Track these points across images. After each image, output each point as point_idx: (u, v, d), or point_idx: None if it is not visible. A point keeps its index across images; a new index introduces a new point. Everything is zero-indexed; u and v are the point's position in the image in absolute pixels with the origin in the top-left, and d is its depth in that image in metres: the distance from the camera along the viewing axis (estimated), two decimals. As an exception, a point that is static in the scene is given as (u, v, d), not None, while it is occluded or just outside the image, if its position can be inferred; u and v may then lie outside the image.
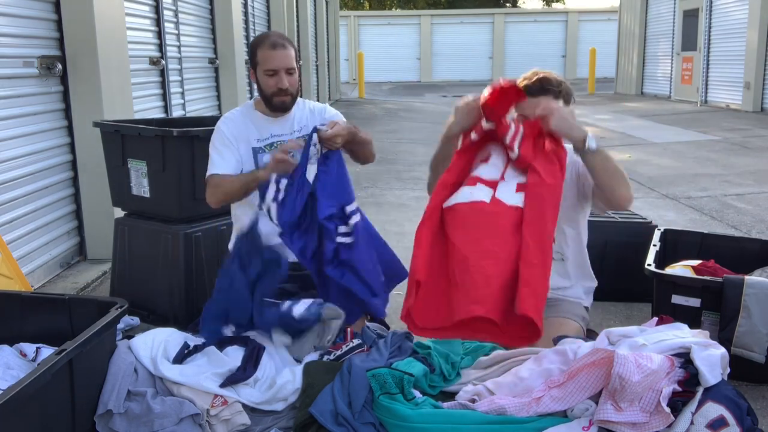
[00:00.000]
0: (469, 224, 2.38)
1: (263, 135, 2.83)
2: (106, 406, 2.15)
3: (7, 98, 3.53)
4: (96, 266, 4.05)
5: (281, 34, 2.87)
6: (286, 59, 2.73)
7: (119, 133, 3.26)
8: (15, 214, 3.56)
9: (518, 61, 26.61)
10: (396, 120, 13.06)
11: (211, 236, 3.24)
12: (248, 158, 2.80)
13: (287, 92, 2.76)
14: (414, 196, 6.18)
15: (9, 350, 2.28)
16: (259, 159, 2.80)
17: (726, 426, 1.92)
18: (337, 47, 18.90)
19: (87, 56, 3.95)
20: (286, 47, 2.75)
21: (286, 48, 2.75)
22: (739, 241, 3.35)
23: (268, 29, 10.45)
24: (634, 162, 7.85)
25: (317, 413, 2.08)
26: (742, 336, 2.50)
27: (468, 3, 31.58)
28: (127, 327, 3.11)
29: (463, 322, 2.32)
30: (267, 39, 2.77)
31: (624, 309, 3.39)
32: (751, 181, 6.55)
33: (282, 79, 2.73)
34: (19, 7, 3.63)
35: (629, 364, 1.98)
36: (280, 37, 2.80)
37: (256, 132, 2.83)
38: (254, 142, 2.82)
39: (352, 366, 2.18)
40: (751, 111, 12.59)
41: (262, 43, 2.76)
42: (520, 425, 2.02)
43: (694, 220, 5.15)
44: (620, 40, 19.38)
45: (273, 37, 2.78)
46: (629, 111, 13.93)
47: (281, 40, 2.76)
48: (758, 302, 2.49)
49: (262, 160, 2.79)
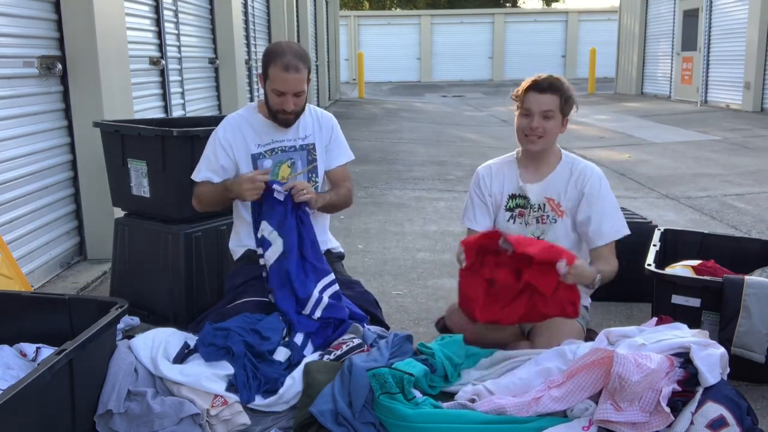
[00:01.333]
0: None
1: (264, 140, 2.78)
2: (106, 406, 2.15)
3: (7, 98, 3.53)
4: (96, 266, 4.05)
5: (297, 50, 2.67)
6: (296, 84, 2.62)
7: (119, 133, 3.26)
8: (15, 214, 3.56)
9: (518, 61, 26.64)
10: (396, 120, 13.07)
11: (211, 236, 3.24)
12: (247, 164, 2.76)
13: (292, 112, 2.70)
14: (414, 196, 6.18)
15: (9, 350, 2.28)
16: (259, 164, 2.76)
17: (726, 426, 1.93)
18: (337, 47, 18.90)
19: (87, 56, 3.95)
20: (299, 71, 2.61)
21: (299, 72, 2.62)
22: (739, 241, 3.35)
23: (268, 29, 10.44)
24: (634, 162, 7.85)
25: (317, 413, 2.08)
26: (742, 336, 2.50)
27: (468, 3, 31.58)
28: (127, 327, 3.11)
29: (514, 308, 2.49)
30: (281, 58, 2.61)
31: (624, 309, 3.39)
32: (751, 181, 6.55)
33: (288, 102, 2.64)
34: (19, 7, 3.63)
35: (629, 364, 1.98)
36: (294, 56, 2.62)
37: (256, 137, 2.78)
38: (254, 147, 2.77)
39: (353, 366, 2.18)
40: (751, 111, 12.59)
41: (275, 61, 2.61)
42: (520, 425, 2.02)
43: (694, 220, 5.15)
44: (620, 40, 19.38)
45: (287, 58, 2.60)
46: (629, 111, 13.93)
47: (295, 62, 2.61)
48: (758, 302, 2.49)
49: (262, 165, 2.76)
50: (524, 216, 2.73)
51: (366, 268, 4.06)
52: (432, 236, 4.81)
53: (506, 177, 2.78)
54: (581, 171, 2.70)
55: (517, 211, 2.74)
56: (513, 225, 2.74)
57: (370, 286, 3.22)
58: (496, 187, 2.78)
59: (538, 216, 2.71)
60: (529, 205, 2.71)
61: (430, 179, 6.98)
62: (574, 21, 27.33)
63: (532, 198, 2.71)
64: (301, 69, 2.63)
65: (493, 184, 2.79)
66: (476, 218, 2.80)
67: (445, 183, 6.79)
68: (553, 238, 2.69)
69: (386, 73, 26.76)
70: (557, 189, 2.70)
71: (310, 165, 2.83)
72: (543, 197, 2.71)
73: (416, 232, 4.91)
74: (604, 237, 2.66)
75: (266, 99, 2.73)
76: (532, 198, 2.71)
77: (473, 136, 10.63)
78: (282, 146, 2.79)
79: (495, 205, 2.79)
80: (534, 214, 2.71)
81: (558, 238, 2.69)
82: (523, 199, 2.73)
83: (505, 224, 2.75)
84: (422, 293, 3.68)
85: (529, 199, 2.71)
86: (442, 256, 4.34)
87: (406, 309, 3.45)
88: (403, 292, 3.70)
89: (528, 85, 2.67)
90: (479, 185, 2.81)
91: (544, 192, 2.71)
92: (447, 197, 6.11)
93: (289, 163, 2.80)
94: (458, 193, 6.25)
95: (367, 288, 2.96)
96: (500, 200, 2.77)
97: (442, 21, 27.63)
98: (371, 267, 4.12)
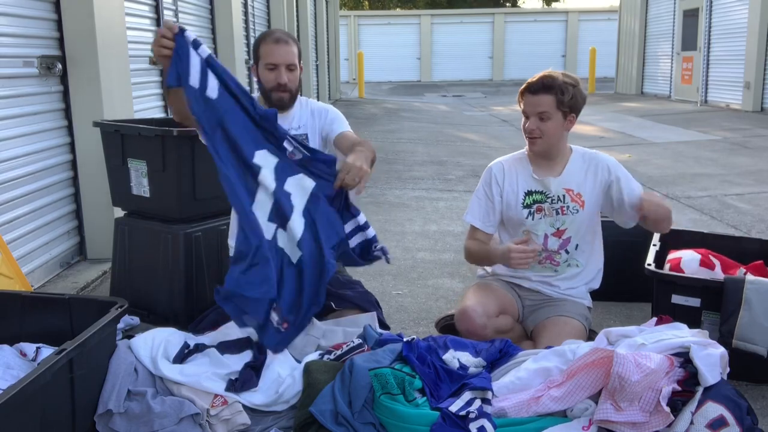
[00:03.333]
0: None
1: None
2: (106, 406, 2.15)
3: (7, 98, 3.53)
4: (96, 266, 4.05)
5: (287, 32, 2.86)
6: (287, 55, 2.72)
7: (119, 132, 3.26)
8: (15, 214, 3.56)
9: (518, 61, 26.64)
10: (396, 120, 13.06)
11: (211, 236, 3.24)
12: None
13: (286, 88, 2.74)
14: (414, 195, 6.18)
15: (9, 350, 2.28)
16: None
17: (726, 426, 1.92)
18: (337, 47, 18.89)
19: (87, 56, 3.95)
20: (288, 43, 2.74)
21: (289, 44, 2.74)
22: (739, 241, 3.35)
23: (269, 29, 10.45)
24: (634, 162, 7.85)
25: (317, 413, 2.08)
26: (743, 328, 2.48)
27: (468, 3, 31.57)
28: (127, 327, 3.11)
29: None
30: (271, 34, 2.77)
31: (624, 309, 3.39)
32: (751, 181, 6.55)
33: (281, 74, 2.71)
34: (19, 7, 3.63)
35: (628, 364, 1.98)
36: (284, 33, 2.79)
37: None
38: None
39: (354, 365, 2.17)
40: (751, 111, 12.59)
41: (265, 38, 2.75)
42: (520, 425, 2.02)
43: (694, 220, 5.15)
44: (620, 40, 19.38)
45: (277, 33, 2.77)
46: (629, 111, 13.92)
47: (285, 36, 2.76)
48: (759, 294, 2.48)
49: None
50: (542, 210, 2.75)
51: (366, 268, 4.01)
52: (432, 236, 4.81)
53: (519, 174, 2.79)
54: (592, 157, 2.79)
55: (535, 207, 2.76)
56: (531, 221, 2.75)
57: (370, 286, 3.22)
58: (509, 185, 2.79)
59: (558, 207, 2.74)
60: (548, 198, 2.74)
61: (430, 179, 6.98)
62: (574, 21, 27.33)
63: (552, 190, 2.73)
64: (291, 43, 2.74)
65: (506, 181, 2.80)
66: (481, 216, 2.82)
67: (445, 183, 6.79)
68: (575, 228, 2.74)
69: (386, 73, 26.76)
70: (576, 180, 2.75)
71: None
72: (562, 188, 2.74)
73: (416, 232, 4.91)
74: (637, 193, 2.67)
75: (260, 85, 2.77)
76: (552, 190, 2.73)
77: (473, 136, 10.63)
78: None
79: (506, 204, 2.79)
80: (554, 205, 2.74)
81: (579, 228, 2.74)
82: (540, 195, 2.75)
83: (523, 221, 2.76)
84: (422, 293, 3.68)
85: (547, 193, 2.73)
86: (442, 255, 4.34)
87: (406, 309, 3.45)
88: (403, 292, 3.70)
89: (522, 88, 2.70)
90: (491, 183, 2.82)
91: (563, 183, 2.74)
92: (447, 197, 6.11)
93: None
94: (458, 192, 6.25)
95: (367, 288, 2.96)
96: (515, 198, 2.78)
97: (442, 21, 27.63)
98: (371, 267, 4.07)
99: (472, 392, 2.12)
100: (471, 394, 2.11)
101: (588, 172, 2.75)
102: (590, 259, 2.82)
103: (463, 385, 2.16)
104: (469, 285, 2.85)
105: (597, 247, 2.86)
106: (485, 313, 2.63)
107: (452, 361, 2.30)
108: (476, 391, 2.12)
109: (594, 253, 2.84)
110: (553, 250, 2.76)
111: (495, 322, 2.65)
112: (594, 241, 2.83)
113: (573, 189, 2.74)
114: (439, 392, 2.15)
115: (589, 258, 2.81)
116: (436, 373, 2.21)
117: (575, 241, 2.76)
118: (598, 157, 2.79)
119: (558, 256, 2.77)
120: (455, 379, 2.21)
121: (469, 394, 2.11)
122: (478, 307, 2.64)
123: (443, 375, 2.22)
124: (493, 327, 2.61)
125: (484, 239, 2.81)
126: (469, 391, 2.12)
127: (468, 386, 2.14)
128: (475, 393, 2.12)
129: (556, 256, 2.77)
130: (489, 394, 2.11)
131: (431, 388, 2.15)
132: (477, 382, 2.16)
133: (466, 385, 2.15)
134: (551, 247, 2.76)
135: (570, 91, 2.62)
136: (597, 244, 2.86)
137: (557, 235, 2.75)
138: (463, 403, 2.06)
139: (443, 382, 2.19)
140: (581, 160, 2.77)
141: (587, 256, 2.80)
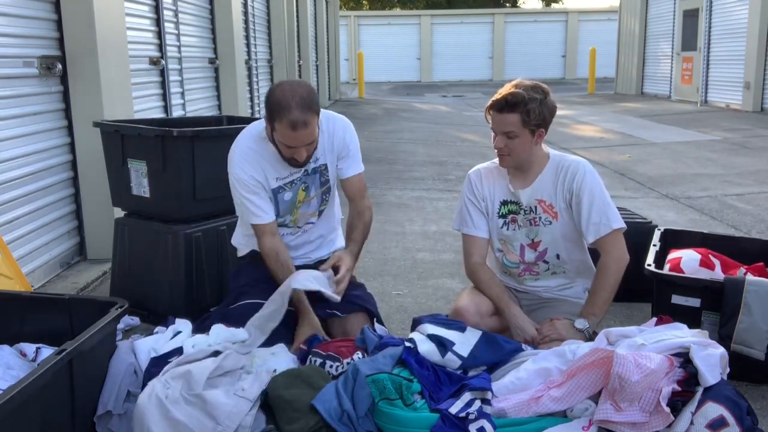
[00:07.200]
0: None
1: (281, 174, 2.67)
2: (105, 407, 2.15)
3: (7, 98, 3.53)
4: (96, 266, 4.05)
5: (303, 99, 2.42)
6: (306, 137, 2.47)
7: (119, 133, 3.26)
8: (15, 214, 3.56)
9: (518, 61, 26.65)
10: (396, 120, 13.06)
11: (211, 236, 3.24)
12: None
13: (304, 162, 2.59)
14: (414, 196, 6.18)
15: (9, 350, 2.28)
16: (280, 199, 2.69)
17: (726, 426, 1.92)
18: (337, 47, 18.90)
19: (87, 56, 3.95)
20: (307, 125, 2.43)
21: (308, 126, 2.43)
22: (739, 241, 3.35)
23: (268, 29, 10.45)
24: (634, 162, 7.85)
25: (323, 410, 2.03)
26: (742, 333, 2.49)
27: (468, 3, 31.57)
28: (127, 327, 3.11)
29: None
30: (287, 114, 2.40)
31: (624, 309, 3.39)
32: (751, 181, 6.55)
33: (300, 153, 2.51)
34: (19, 7, 3.63)
35: (628, 364, 1.98)
36: (301, 110, 2.40)
37: (273, 171, 2.66)
38: (273, 182, 2.67)
39: (358, 372, 2.12)
40: (751, 111, 12.59)
41: (281, 117, 2.42)
42: (520, 426, 2.02)
43: (694, 220, 5.15)
44: (620, 40, 19.37)
45: (294, 114, 2.39)
46: (629, 111, 13.92)
47: (303, 116, 2.40)
48: (759, 299, 2.48)
49: (283, 200, 2.69)
50: (516, 221, 2.71)
51: (366, 268, 4.05)
52: (432, 236, 4.81)
53: (496, 183, 2.74)
54: (566, 168, 2.63)
55: (510, 217, 2.71)
56: (507, 231, 2.73)
57: (370, 286, 3.22)
58: (487, 192, 2.75)
59: (531, 218, 2.68)
60: (522, 209, 2.69)
61: (430, 179, 6.98)
62: (574, 21, 27.33)
63: (524, 201, 2.68)
64: (310, 121, 2.43)
65: (484, 188, 2.75)
66: (474, 223, 2.76)
67: (445, 183, 6.79)
68: (550, 240, 2.67)
69: (386, 73, 26.77)
70: (546, 190, 2.65)
71: (323, 187, 2.77)
72: (533, 199, 2.67)
73: (416, 232, 4.91)
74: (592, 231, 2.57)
75: (274, 143, 2.57)
76: (524, 201, 2.68)
77: (473, 137, 10.63)
78: (298, 177, 2.72)
79: (487, 209, 2.76)
80: (527, 216, 2.69)
81: (555, 239, 2.67)
82: (515, 205, 2.70)
83: (499, 231, 2.74)
84: (422, 293, 3.68)
85: (520, 204, 2.69)
86: (442, 256, 4.34)
87: (406, 309, 3.45)
88: (403, 292, 3.70)
89: (488, 104, 2.61)
90: (472, 190, 2.78)
91: (535, 194, 2.67)
92: (447, 197, 6.11)
93: (304, 187, 2.74)
94: (458, 193, 6.21)
95: (368, 288, 2.96)
96: (492, 206, 2.75)
97: (442, 21, 27.64)
98: (371, 267, 4.12)
99: (472, 393, 2.11)
100: (471, 395, 2.10)
101: (558, 182, 2.64)
102: (580, 268, 2.76)
103: (463, 386, 2.15)
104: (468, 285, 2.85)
105: (585, 257, 2.77)
106: (478, 312, 2.62)
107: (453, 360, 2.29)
108: (476, 392, 2.11)
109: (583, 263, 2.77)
110: (530, 262, 2.72)
111: (488, 322, 2.63)
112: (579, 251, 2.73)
113: (545, 200, 2.65)
114: (439, 394, 2.15)
115: (578, 267, 2.75)
116: (436, 376, 2.21)
117: (554, 251, 2.69)
118: (575, 168, 2.61)
119: (536, 267, 2.73)
120: (455, 380, 2.20)
121: (469, 395, 2.10)
122: (471, 306, 2.63)
123: (443, 377, 2.21)
124: (486, 326, 2.59)
125: (482, 246, 2.78)
126: (468, 392, 2.11)
127: (467, 387, 2.14)
128: (474, 393, 2.11)
129: (535, 267, 2.73)
130: (489, 395, 2.10)
131: (431, 390, 2.14)
132: (476, 382, 2.15)
133: (466, 386, 2.15)
134: (528, 258, 2.71)
135: (536, 108, 2.51)
136: (583, 254, 2.76)
137: (533, 247, 2.70)
138: (463, 404, 2.06)
139: (443, 385, 2.19)
140: (555, 170, 2.66)
141: (576, 265, 2.74)
